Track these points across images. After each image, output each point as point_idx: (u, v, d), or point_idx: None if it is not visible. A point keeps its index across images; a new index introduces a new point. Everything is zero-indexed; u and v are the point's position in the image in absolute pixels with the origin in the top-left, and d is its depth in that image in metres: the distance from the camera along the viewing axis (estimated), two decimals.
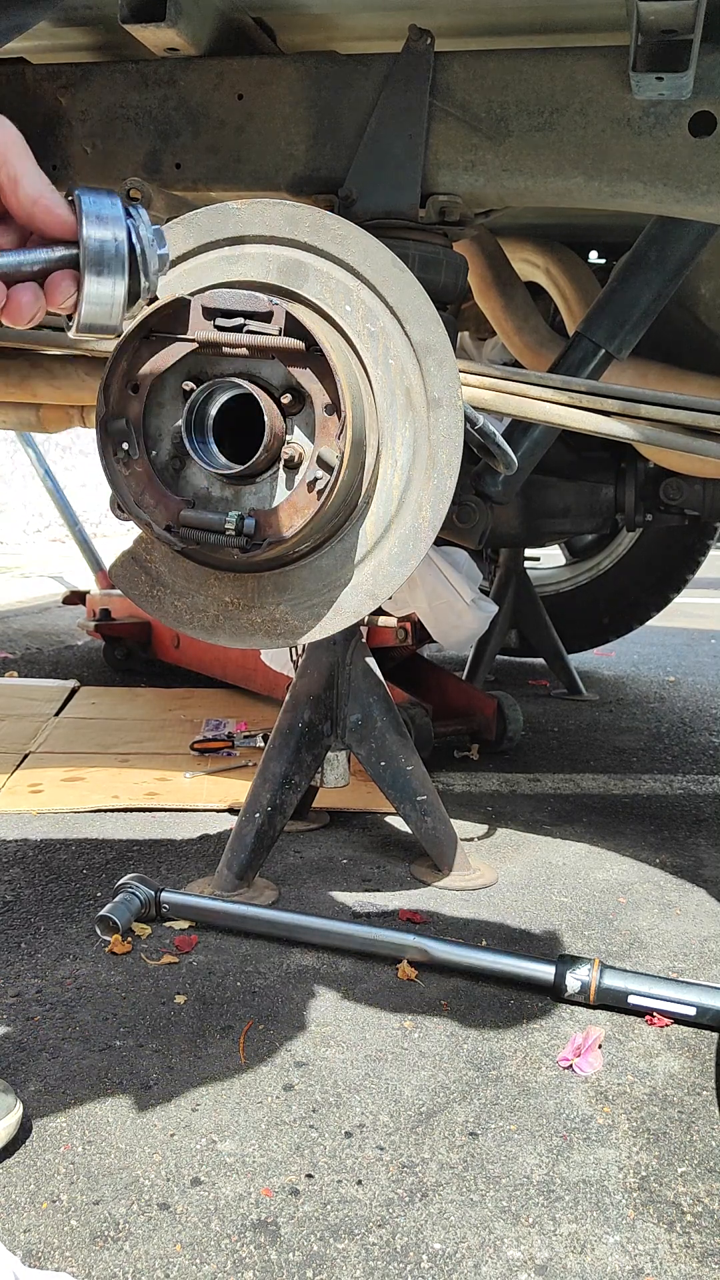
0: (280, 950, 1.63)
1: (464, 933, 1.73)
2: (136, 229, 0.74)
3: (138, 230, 0.74)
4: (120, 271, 0.72)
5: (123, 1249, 1.01)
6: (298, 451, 1.22)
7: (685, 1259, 1.03)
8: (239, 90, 1.58)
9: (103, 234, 0.72)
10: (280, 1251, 1.02)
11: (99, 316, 0.73)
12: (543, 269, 2.44)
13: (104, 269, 0.72)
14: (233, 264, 1.27)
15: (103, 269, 0.72)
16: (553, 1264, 1.02)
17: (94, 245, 0.72)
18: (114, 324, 0.74)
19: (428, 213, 1.57)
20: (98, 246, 0.72)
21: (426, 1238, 1.05)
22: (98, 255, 0.72)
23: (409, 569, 1.29)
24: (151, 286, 0.76)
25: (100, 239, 0.72)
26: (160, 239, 0.76)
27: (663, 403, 1.50)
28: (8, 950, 1.60)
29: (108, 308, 0.73)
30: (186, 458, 1.25)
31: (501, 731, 2.78)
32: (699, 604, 6.05)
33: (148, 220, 0.75)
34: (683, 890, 1.94)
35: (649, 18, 1.29)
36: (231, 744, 2.68)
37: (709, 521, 2.94)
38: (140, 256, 0.74)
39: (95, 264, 0.72)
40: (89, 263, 0.72)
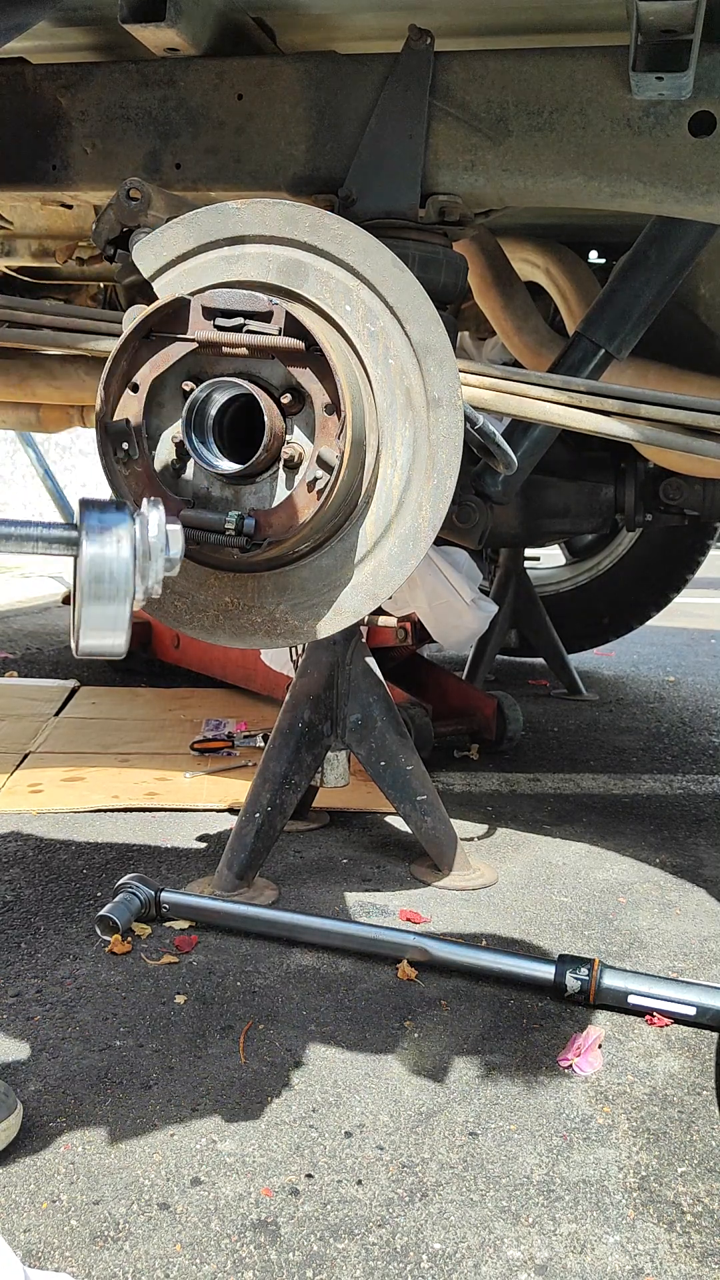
0: (280, 950, 1.63)
1: (464, 932, 1.73)
2: (146, 535, 0.65)
3: (146, 537, 0.65)
4: (123, 594, 0.63)
5: (123, 1249, 1.01)
6: (298, 451, 1.22)
7: (685, 1259, 1.03)
8: (239, 90, 1.58)
9: (103, 549, 0.63)
10: (280, 1251, 1.02)
11: (101, 641, 0.64)
12: (542, 269, 2.44)
13: (103, 590, 0.63)
14: (232, 264, 1.27)
15: (102, 590, 0.63)
16: (553, 1264, 1.02)
17: (91, 560, 0.63)
18: (118, 646, 0.64)
19: (428, 212, 1.57)
20: (96, 560, 0.62)
21: (426, 1237, 1.05)
22: (95, 572, 0.62)
23: (409, 569, 1.29)
24: (151, 591, 0.67)
25: (99, 554, 0.63)
26: (172, 541, 0.67)
27: (662, 403, 1.50)
28: (8, 950, 1.60)
29: (109, 630, 0.64)
30: (186, 458, 1.25)
31: (501, 731, 2.78)
32: (699, 604, 6.05)
33: (160, 521, 0.66)
34: (683, 890, 1.94)
35: (649, 18, 1.29)
36: (231, 744, 2.68)
37: (709, 521, 2.94)
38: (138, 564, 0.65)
39: (93, 581, 0.63)
40: (84, 582, 0.63)
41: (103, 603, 0.62)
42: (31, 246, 2.23)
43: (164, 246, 1.29)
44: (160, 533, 0.66)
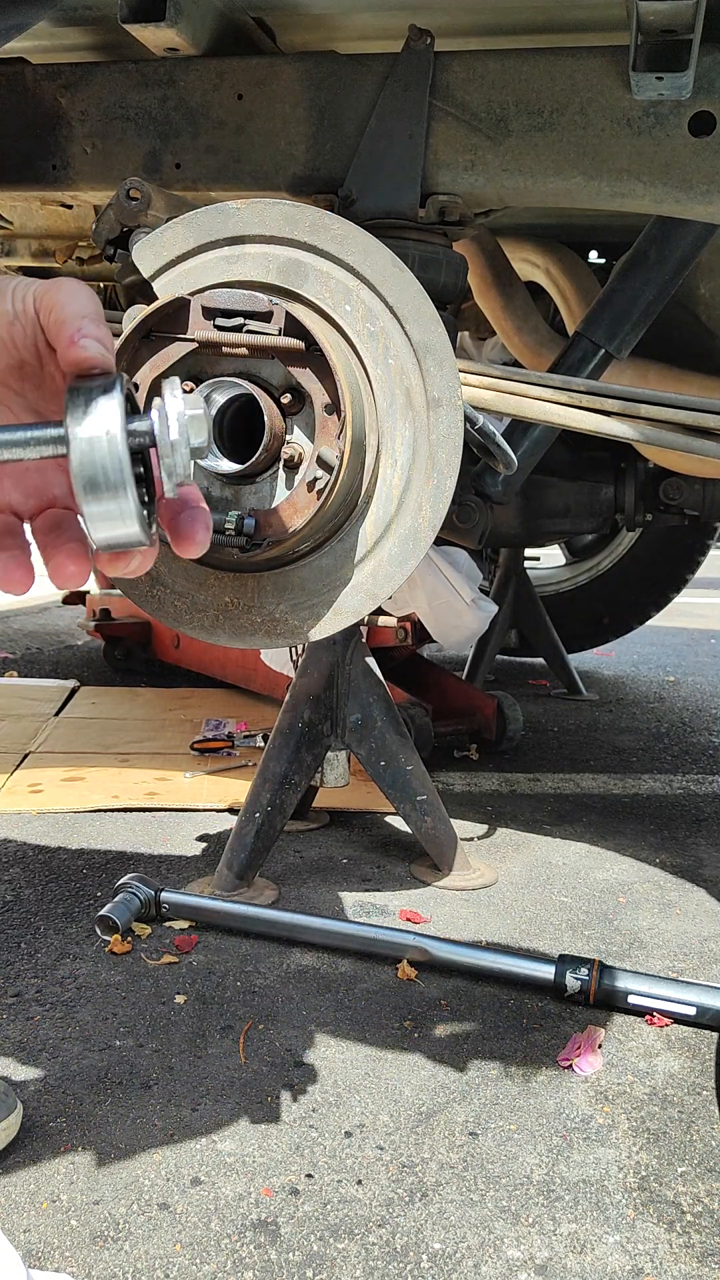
0: (280, 950, 1.63)
1: (464, 932, 1.73)
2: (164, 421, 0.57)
3: (165, 424, 0.57)
4: (120, 482, 0.55)
5: (122, 1249, 1.01)
6: (297, 451, 1.22)
7: (685, 1259, 1.03)
8: (239, 90, 1.58)
9: (92, 430, 0.55)
10: (280, 1251, 1.02)
11: (113, 533, 0.57)
12: (542, 269, 2.44)
13: (98, 482, 0.55)
14: (232, 264, 1.27)
15: (97, 482, 0.55)
16: (552, 1264, 1.02)
17: (80, 448, 0.55)
18: (135, 536, 0.57)
19: (427, 212, 1.57)
20: (85, 449, 0.55)
21: (426, 1237, 1.05)
22: (86, 462, 0.55)
23: (409, 569, 1.29)
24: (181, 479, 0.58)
25: (88, 437, 0.55)
26: (194, 426, 0.58)
27: (662, 402, 1.50)
28: (8, 950, 1.60)
29: (117, 522, 0.56)
30: None
31: (501, 731, 2.78)
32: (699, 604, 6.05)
33: (180, 413, 0.57)
34: (682, 890, 1.94)
35: (649, 17, 1.29)
36: (231, 744, 2.68)
37: (709, 521, 2.94)
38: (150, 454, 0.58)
39: (86, 477, 0.55)
40: (75, 474, 0.55)
41: (102, 499, 0.56)
42: (31, 246, 2.23)
43: (164, 246, 1.29)
44: (181, 426, 0.58)
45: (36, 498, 0.63)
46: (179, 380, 0.60)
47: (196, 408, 0.58)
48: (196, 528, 0.64)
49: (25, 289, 0.60)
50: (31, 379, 0.62)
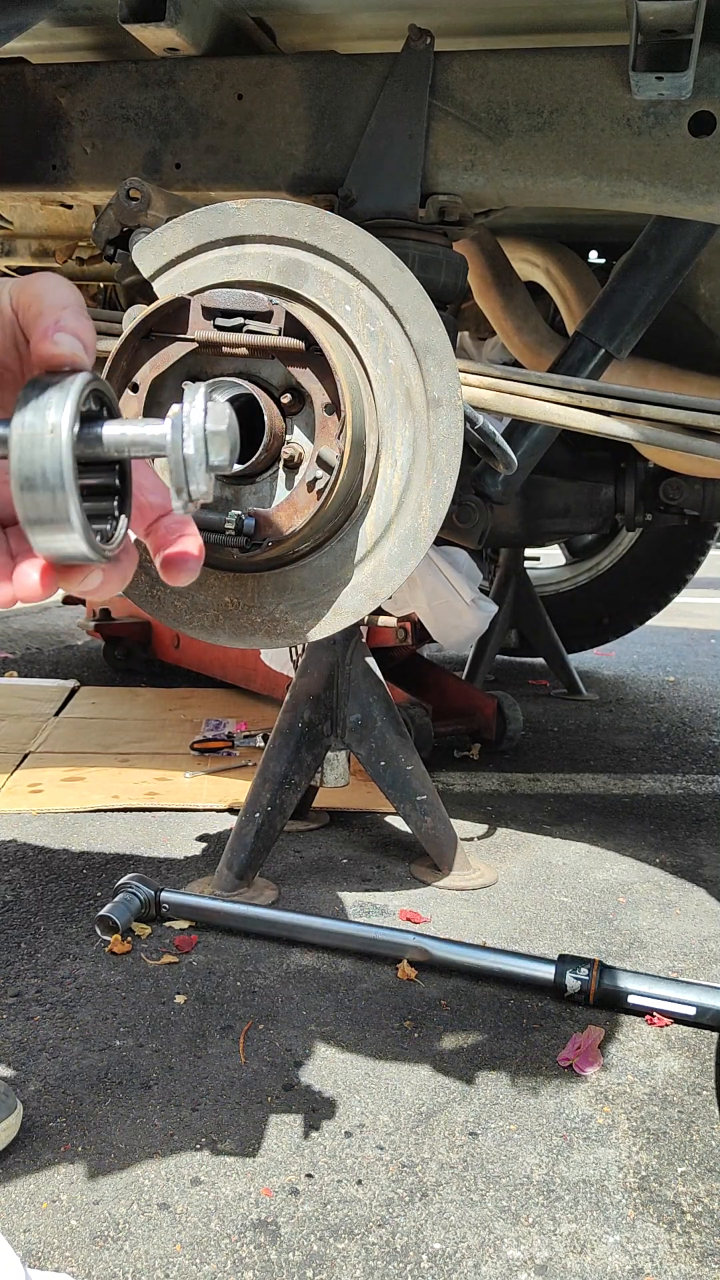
0: (280, 950, 1.63)
1: (464, 932, 1.73)
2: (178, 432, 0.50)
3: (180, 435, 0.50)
4: (58, 485, 0.47)
5: (122, 1249, 1.01)
6: (297, 451, 1.22)
7: (685, 1259, 1.03)
8: (239, 90, 1.58)
9: (34, 425, 0.48)
10: (280, 1251, 1.02)
11: (53, 543, 0.49)
12: (542, 269, 2.44)
13: (35, 484, 0.47)
14: (232, 264, 1.27)
15: (34, 484, 0.47)
16: (552, 1264, 1.02)
17: (18, 443, 0.48)
18: (78, 550, 0.49)
19: (427, 212, 1.57)
20: (24, 445, 0.48)
21: (426, 1237, 1.05)
22: (24, 460, 0.47)
23: (409, 569, 1.29)
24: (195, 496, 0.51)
25: (30, 433, 0.48)
26: (215, 443, 0.51)
27: (662, 402, 1.50)
28: (8, 950, 1.60)
29: (55, 531, 0.48)
30: None
31: (501, 731, 2.78)
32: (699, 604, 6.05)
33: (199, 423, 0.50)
34: (682, 890, 1.94)
35: (649, 17, 1.29)
36: (231, 744, 2.68)
37: (709, 521, 2.94)
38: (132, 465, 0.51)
39: (22, 476, 0.48)
40: (12, 473, 0.48)
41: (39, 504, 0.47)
42: (31, 246, 2.23)
43: (164, 246, 1.29)
44: (198, 441, 0.50)
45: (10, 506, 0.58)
46: (206, 389, 0.55)
47: (221, 422, 0.52)
48: (185, 558, 0.58)
49: (1, 288, 0.55)
50: (10, 386, 0.57)
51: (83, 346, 0.53)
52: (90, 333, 0.54)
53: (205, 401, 0.52)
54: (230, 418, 0.52)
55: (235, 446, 0.53)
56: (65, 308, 0.54)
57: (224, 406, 0.53)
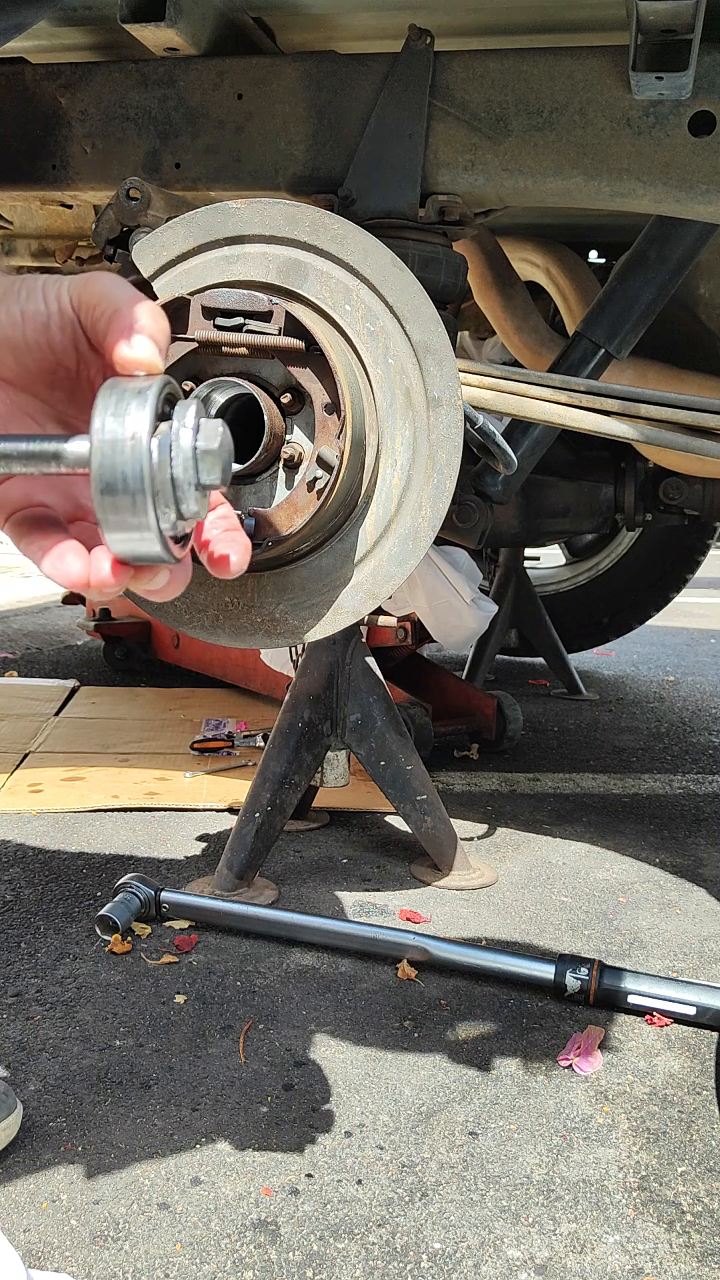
0: (280, 950, 1.63)
1: (464, 932, 1.73)
2: (165, 453, 0.50)
3: (167, 456, 0.50)
4: (140, 490, 0.49)
5: (122, 1248, 1.01)
6: (297, 451, 1.22)
7: (685, 1258, 1.03)
8: (238, 90, 1.58)
9: (115, 432, 0.50)
10: (280, 1251, 1.02)
11: (132, 547, 0.51)
12: (542, 268, 2.44)
13: (116, 490, 0.50)
14: (232, 263, 1.27)
15: (115, 490, 0.50)
16: (552, 1263, 1.02)
17: (101, 450, 0.50)
18: (155, 553, 0.51)
19: (427, 212, 1.57)
20: (106, 452, 0.49)
21: (426, 1237, 1.05)
22: (105, 467, 0.50)
23: (409, 569, 1.29)
24: (187, 514, 0.52)
25: (111, 440, 0.50)
26: (207, 462, 0.51)
27: (662, 402, 1.50)
28: (8, 950, 1.60)
29: (135, 536, 0.51)
30: None
31: (501, 731, 2.78)
32: (699, 603, 6.05)
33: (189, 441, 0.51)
34: (682, 890, 1.94)
35: (648, 17, 1.29)
36: (231, 744, 2.68)
37: (709, 521, 2.94)
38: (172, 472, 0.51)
39: (104, 483, 0.50)
40: (94, 479, 0.50)
41: (120, 510, 0.50)
42: (31, 246, 2.23)
43: (164, 246, 1.29)
44: (187, 461, 0.50)
45: (70, 503, 0.59)
46: (197, 403, 0.53)
47: (213, 440, 0.51)
48: (234, 550, 0.58)
49: (57, 285, 0.54)
50: (64, 386, 0.57)
51: (158, 350, 0.53)
52: (165, 333, 0.54)
53: (196, 419, 0.51)
54: (222, 435, 0.52)
55: (229, 464, 0.52)
56: (138, 307, 0.53)
57: (216, 424, 0.52)
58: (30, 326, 0.54)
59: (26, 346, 0.55)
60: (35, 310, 0.54)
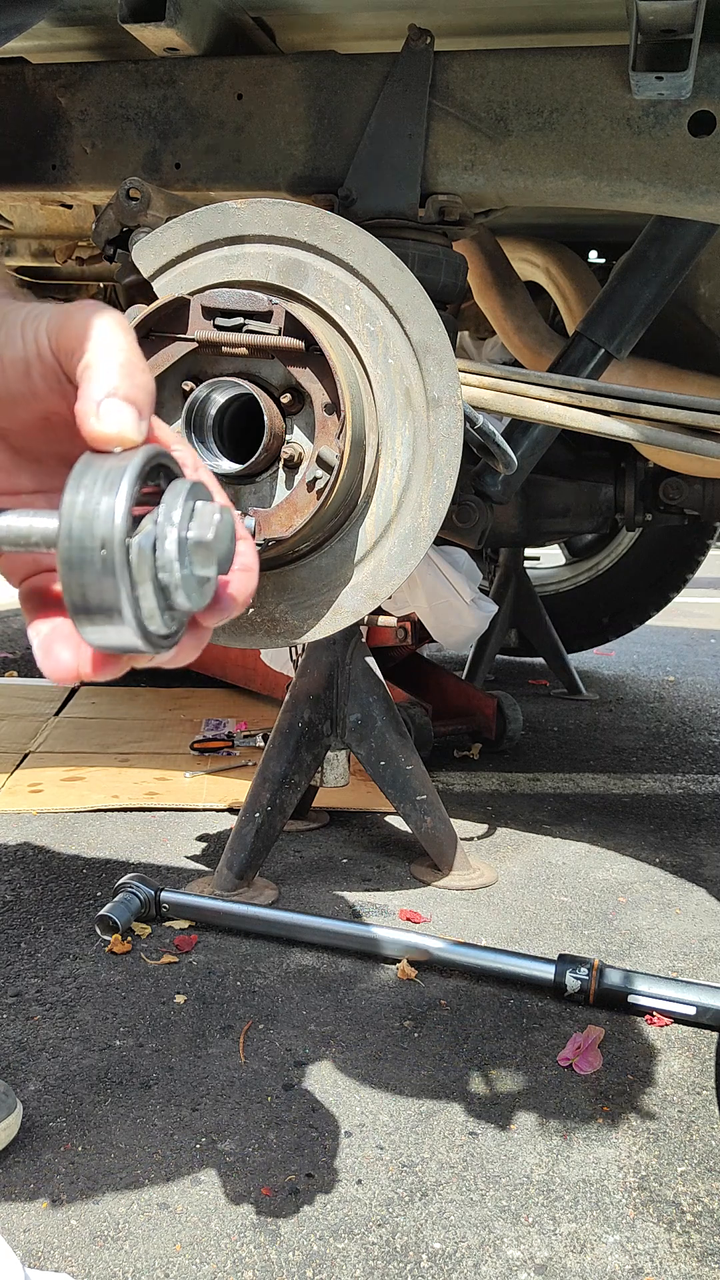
0: (280, 950, 1.62)
1: (464, 932, 1.73)
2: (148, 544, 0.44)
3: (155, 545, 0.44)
4: (113, 589, 0.43)
5: (122, 1248, 1.01)
6: (297, 451, 1.22)
7: (685, 1258, 1.03)
8: (238, 90, 1.58)
9: (83, 517, 0.43)
10: (280, 1251, 1.02)
11: (104, 639, 0.45)
12: (542, 268, 2.44)
13: (84, 581, 0.43)
14: (232, 263, 1.27)
15: (83, 582, 0.43)
16: (552, 1263, 1.02)
17: (66, 536, 0.43)
18: (131, 645, 0.45)
19: (427, 212, 1.57)
20: (70, 539, 0.43)
21: (426, 1237, 1.05)
22: (71, 558, 0.43)
23: (409, 569, 1.29)
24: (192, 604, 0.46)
25: (77, 527, 0.43)
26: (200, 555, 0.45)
27: (662, 402, 1.50)
28: (8, 950, 1.60)
29: (107, 628, 0.44)
30: None
31: (501, 731, 2.78)
32: (699, 603, 6.05)
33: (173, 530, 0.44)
34: (682, 890, 1.94)
35: (648, 17, 1.29)
36: (231, 744, 2.68)
37: (708, 521, 2.94)
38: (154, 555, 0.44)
39: (67, 570, 0.43)
40: (59, 564, 0.43)
41: (88, 602, 0.44)
42: (31, 246, 2.23)
43: (164, 246, 1.29)
44: (182, 550, 0.44)
45: None
46: (191, 485, 0.45)
47: (206, 529, 0.45)
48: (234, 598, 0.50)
49: (35, 323, 0.47)
50: (62, 430, 0.49)
51: (135, 416, 0.45)
52: (146, 388, 0.46)
53: (187, 504, 0.45)
54: (218, 524, 0.45)
55: (228, 553, 0.46)
56: (110, 363, 0.45)
57: (212, 509, 0.45)
58: (11, 375, 0.47)
59: (11, 396, 0.48)
60: (14, 356, 0.47)
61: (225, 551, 0.46)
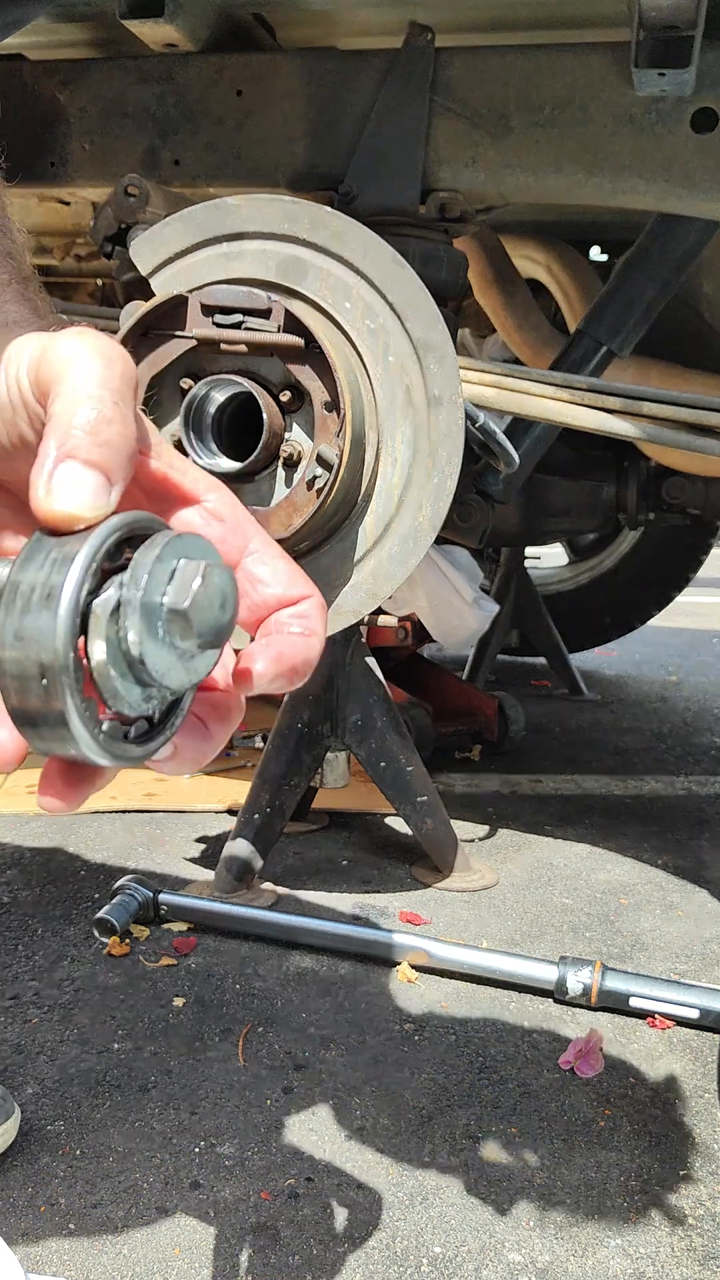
0: (279, 952, 1.62)
1: (465, 934, 1.72)
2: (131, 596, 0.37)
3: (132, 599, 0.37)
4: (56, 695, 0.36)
5: (121, 1252, 1.01)
6: (297, 449, 1.21)
7: (687, 1262, 1.02)
8: (238, 86, 1.57)
9: (23, 618, 0.36)
10: (280, 1255, 1.01)
11: (47, 746, 0.40)
12: (544, 266, 2.43)
13: (21, 682, 0.37)
14: (231, 260, 1.26)
15: (20, 681, 0.37)
16: (554, 1268, 1.01)
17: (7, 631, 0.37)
18: (78, 756, 0.39)
19: (428, 209, 1.56)
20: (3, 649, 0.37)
21: (427, 1241, 1.04)
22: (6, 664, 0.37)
23: (409, 568, 1.28)
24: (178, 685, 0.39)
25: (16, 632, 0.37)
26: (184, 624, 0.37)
27: (665, 400, 1.49)
28: (5, 952, 1.60)
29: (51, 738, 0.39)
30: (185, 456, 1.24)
31: (503, 732, 2.77)
32: (701, 603, 6.04)
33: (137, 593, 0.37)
34: (685, 891, 1.93)
35: (651, 13, 1.28)
36: (231, 745, 2.67)
37: (711, 520, 2.93)
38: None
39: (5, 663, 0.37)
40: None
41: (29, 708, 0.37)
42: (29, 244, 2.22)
43: (162, 243, 1.28)
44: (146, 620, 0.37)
45: None
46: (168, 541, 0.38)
47: (184, 594, 0.37)
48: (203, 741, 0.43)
49: (18, 363, 0.39)
50: None
51: (97, 486, 0.36)
52: (119, 445, 0.37)
53: (160, 564, 0.37)
54: (195, 590, 0.37)
55: (212, 625, 0.38)
56: (80, 410, 0.37)
57: (195, 568, 0.38)
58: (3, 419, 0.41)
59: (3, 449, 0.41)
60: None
61: (210, 621, 0.38)
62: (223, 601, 0.39)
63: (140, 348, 1.22)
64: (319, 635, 0.43)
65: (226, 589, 0.39)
